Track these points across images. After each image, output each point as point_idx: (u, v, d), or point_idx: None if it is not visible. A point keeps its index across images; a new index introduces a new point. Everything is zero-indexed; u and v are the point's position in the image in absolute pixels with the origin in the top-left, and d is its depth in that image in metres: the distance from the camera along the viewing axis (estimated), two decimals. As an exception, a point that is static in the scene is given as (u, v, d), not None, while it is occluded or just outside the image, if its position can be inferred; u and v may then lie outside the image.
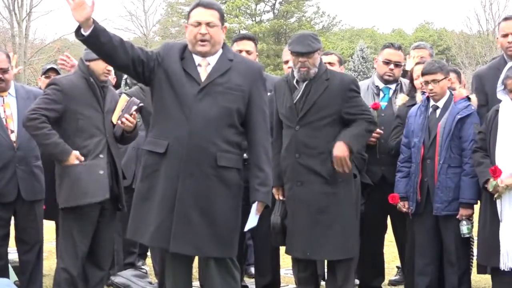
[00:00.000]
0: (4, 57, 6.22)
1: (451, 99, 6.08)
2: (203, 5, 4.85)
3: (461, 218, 5.90)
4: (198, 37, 4.81)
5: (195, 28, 4.82)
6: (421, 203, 6.05)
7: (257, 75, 4.97)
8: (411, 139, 6.16)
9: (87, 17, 4.53)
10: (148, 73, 4.84)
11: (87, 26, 4.55)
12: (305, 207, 5.72)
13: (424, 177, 6.04)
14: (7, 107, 6.22)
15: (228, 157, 4.80)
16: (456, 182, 5.91)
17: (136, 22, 48.37)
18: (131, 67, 4.79)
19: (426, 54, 7.17)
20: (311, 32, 5.90)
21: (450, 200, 5.92)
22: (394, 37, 57.45)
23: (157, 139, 4.84)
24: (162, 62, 4.85)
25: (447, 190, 5.92)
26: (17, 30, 38.51)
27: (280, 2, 57.22)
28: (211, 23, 4.82)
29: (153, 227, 4.77)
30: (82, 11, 4.52)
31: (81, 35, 4.58)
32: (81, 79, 5.79)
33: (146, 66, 4.82)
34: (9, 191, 6.09)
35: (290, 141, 5.78)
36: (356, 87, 5.83)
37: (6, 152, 6.08)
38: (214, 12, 4.86)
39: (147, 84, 4.98)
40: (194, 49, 4.87)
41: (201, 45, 4.83)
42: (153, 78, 4.86)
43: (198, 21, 4.82)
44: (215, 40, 4.85)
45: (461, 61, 42.74)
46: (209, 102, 4.78)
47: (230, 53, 5.01)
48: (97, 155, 5.70)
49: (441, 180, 5.94)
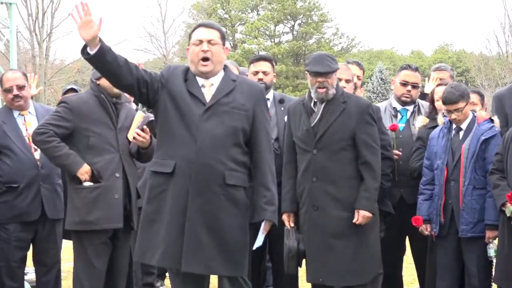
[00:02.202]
0: (20, 75, 6.36)
1: (474, 120, 6.05)
2: (203, 25, 4.99)
3: (489, 241, 5.86)
4: (200, 55, 4.86)
5: (196, 46, 4.88)
6: (444, 225, 6.02)
7: (259, 95, 5.03)
8: (433, 161, 6.12)
9: (94, 35, 4.55)
10: (152, 94, 4.86)
11: (94, 45, 4.57)
12: (320, 232, 5.67)
13: (448, 199, 5.99)
14: (29, 126, 6.29)
15: (236, 176, 4.83)
16: (481, 203, 5.88)
17: (156, 43, 48.93)
18: (135, 87, 4.81)
19: (446, 76, 7.13)
20: (328, 53, 5.89)
21: (475, 222, 5.88)
22: (413, 59, 57.22)
23: (163, 160, 4.84)
24: (166, 83, 4.88)
25: (473, 211, 5.88)
26: (38, 50, 38.76)
27: (299, 23, 57.38)
28: (212, 40, 4.88)
29: (163, 248, 4.76)
30: (89, 30, 4.54)
31: (87, 54, 4.60)
32: (92, 97, 5.81)
33: (150, 87, 4.84)
34: (34, 210, 6.12)
35: (307, 165, 5.71)
36: (372, 112, 5.77)
37: (30, 171, 6.12)
38: (214, 31, 4.93)
39: (151, 106, 5.00)
40: (197, 70, 4.90)
41: (203, 64, 4.88)
42: (157, 100, 4.88)
43: (200, 39, 4.88)
44: (216, 58, 4.90)
45: (481, 83, 42.44)
46: (215, 122, 4.81)
47: (232, 74, 5.06)
48: (112, 174, 5.69)
49: (466, 202, 5.90)
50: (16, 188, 6.12)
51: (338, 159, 5.65)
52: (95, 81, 5.82)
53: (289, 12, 55.85)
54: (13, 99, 6.29)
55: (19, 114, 6.36)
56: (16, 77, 6.32)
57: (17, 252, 6.16)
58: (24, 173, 6.11)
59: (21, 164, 6.14)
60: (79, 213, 5.62)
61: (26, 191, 6.11)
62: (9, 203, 6.11)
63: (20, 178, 6.12)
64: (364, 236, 5.69)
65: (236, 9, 57.33)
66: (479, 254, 5.90)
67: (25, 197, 6.11)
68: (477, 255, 5.91)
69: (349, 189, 5.65)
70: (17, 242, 6.15)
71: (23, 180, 6.12)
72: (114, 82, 4.94)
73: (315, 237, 5.68)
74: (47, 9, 38.72)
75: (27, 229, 6.17)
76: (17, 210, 6.11)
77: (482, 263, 5.92)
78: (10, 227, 6.12)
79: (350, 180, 5.66)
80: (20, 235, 6.15)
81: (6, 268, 6.14)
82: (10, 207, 6.11)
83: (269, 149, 5.00)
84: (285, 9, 55.55)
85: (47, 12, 38.78)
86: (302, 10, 56.39)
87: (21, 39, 38.80)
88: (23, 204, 6.11)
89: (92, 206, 5.60)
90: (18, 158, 6.16)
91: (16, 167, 6.14)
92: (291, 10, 55.66)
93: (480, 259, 5.90)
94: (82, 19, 4.55)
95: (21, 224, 6.13)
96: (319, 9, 57.11)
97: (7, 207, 6.11)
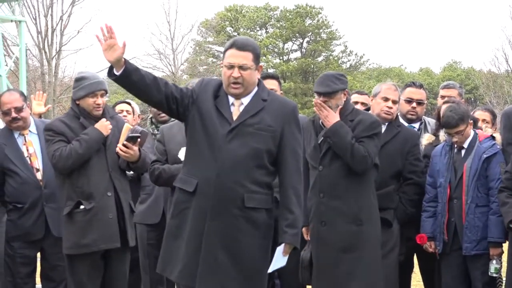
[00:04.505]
0: (17, 96, 6.28)
1: (475, 138, 6.06)
2: (237, 46, 4.81)
3: (492, 258, 5.86)
4: (231, 80, 4.80)
5: (228, 70, 4.80)
6: (448, 243, 6.03)
7: (290, 115, 4.92)
8: (436, 178, 6.13)
9: (118, 58, 4.61)
10: (183, 109, 4.85)
11: (119, 66, 4.62)
12: (328, 247, 5.68)
13: (451, 217, 6.01)
14: (30, 145, 6.28)
15: (256, 198, 4.78)
16: (484, 221, 5.89)
17: (165, 61, 48.61)
18: (164, 104, 4.81)
19: (455, 93, 7.10)
20: (336, 73, 5.86)
21: (478, 240, 5.89)
22: (422, 76, 57.06)
23: (188, 177, 4.84)
24: (196, 99, 4.86)
25: (476, 229, 5.89)
26: (47, 68, 38.98)
27: (307, 41, 57.57)
28: (244, 66, 4.78)
29: (181, 265, 4.77)
30: (113, 53, 4.61)
31: (113, 75, 4.65)
32: (73, 118, 5.82)
33: (180, 103, 4.83)
34: (38, 230, 6.13)
35: (315, 181, 5.76)
36: (377, 128, 5.75)
37: (33, 192, 6.11)
38: (248, 54, 4.80)
39: (181, 120, 4.97)
40: (227, 91, 4.86)
41: (233, 87, 4.82)
42: (187, 115, 4.87)
43: (231, 64, 4.79)
44: (248, 82, 4.82)
45: (489, 101, 42.44)
46: (239, 143, 4.76)
47: (265, 91, 4.95)
48: (104, 194, 5.70)
49: (469, 220, 5.91)
50: (21, 209, 6.14)
51: (342, 174, 5.66)
52: (75, 102, 5.85)
53: (298, 29, 56.12)
54: (11, 122, 6.26)
55: (19, 135, 6.32)
56: (13, 100, 6.26)
57: (22, 268, 6.18)
58: (28, 194, 6.12)
59: (24, 185, 6.15)
60: (75, 237, 5.65)
61: (30, 212, 6.12)
62: (14, 222, 6.15)
63: (24, 199, 6.13)
64: (373, 251, 5.70)
65: (244, 26, 57.57)
66: (484, 270, 5.91)
67: (29, 217, 6.12)
68: (482, 271, 5.93)
69: (355, 203, 5.65)
70: (22, 258, 6.17)
71: (27, 201, 6.12)
72: (142, 99, 4.96)
73: (323, 252, 5.70)
74: (56, 26, 39.11)
75: (31, 247, 6.20)
76: (22, 230, 6.14)
77: (487, 279, 5.93)
78: (15, 244, 6.16)
79: (356, 194, 5.67)
80: (24, 252, 6.17)
81: (13, 283, 6.17)
82: (15, 226, 6.14)
83: (296, 170, 4.91)
84: (294, 27, 55.84)
85: (56, 30, 39.16)
86: (311, 28, 56.65)
87: (31, 57, 39.14)
88: (27, 224, 6.13)
89: (88, 229, 5.63)
90: (21, 179, 6.15)
91: (19, 188, 6.15)
92: (300, 27, 55.94)
93: (485, 275, 5.91)
94: (106, 41, 4.62)
95: (26, 242, 6.16)
96: (327, 27, 57.32)
97: (12, 226, 6.14)
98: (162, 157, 6.02)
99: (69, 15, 39.51)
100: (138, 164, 5.85)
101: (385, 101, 6.20)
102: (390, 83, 6.48)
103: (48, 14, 39.08)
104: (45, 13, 39.05)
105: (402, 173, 6.14)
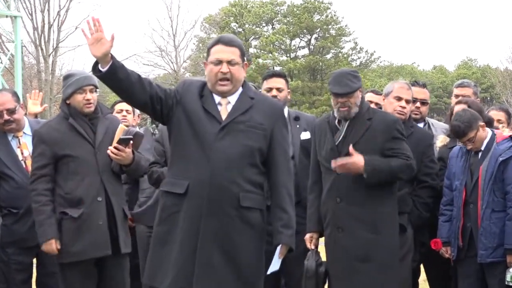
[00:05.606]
0: (9, 97, 6.23)
1: (493, 139, 5.95)
2: (223, 42, 4.85)
3: (509, 266, 5.75)
4: (219, 75, 4.79)
5: (215, 66, 4.80)
6: (463, 249, 5.97)
7: (278, 113, 4.96)
8: (452, 181, 6.08)
9: (105, 52, 4.50)
10: (167, 111, 4.80)
11: (105, 62, 4.52)
12: (345, 254, 5.62)
13: (467, 222, 5.95)
14: (24, 148, 6.26)
15: (251, 198, 4.76)
16: (501, 227, 5.79)
17: (166, 58, 49.20)
18: (149, 105, 4.74)
19: (470, 92, 7.07)
20: (350, 70, 5.80)
21: (495, 247, 5.80)
22: (435, 74, 57.42)
23: (176, 179, 4.78)
24: (180, 99, 4.82)
25: (492, 236, 5.80)
26: (43, 65, 39.41)
27: (316, 37, 57.73)
28: (232, 61, 4.80)
29: (175, 269, 4.70)
30: (100, 47, 4.50)
31: (98, 71, 4.56)
32: (62, 120, 5.80)
33: (164, 104, 4.77)
34: (33, 236, 5.96)
35: (331, 186, 5.67)
36: (400, 127, 5.69)
37: (28, 196, 5.94)
38: (235, 49, 4.84)
39: (165, 123, 4.92)
40: (214, 89, 4.83)
41: (221, 84, 4.80)
42: (171, 117, 4.83)
43: (219, 59, 4.80)
44: (236, 78, 4.82)
45: (506, 100, 42.89)
46: (230, 141, 4.75)
47: (251, 91, 4.99)
48: (94, 200, 5.65)
49: (485, 226, 5.83)
50: (16, 214, 6.12)
51: (362, 179, 5.54)
52: (65, 101, 5.81)
53: (306, 25, 56.29)
54: (3, 124, 6.20)
55: (13, 137, 6.27)
56: (4, 101, 6.20)
57: (17, 275, 6.18)
58: (23, 199, 6.04)
59: (19, 190, 6.09)
60: (65, 245, 5.63)
61: (26, 217, 6.07)
62: (8, 227, 6.14)
63: (19, 203, 6.09)
64: (391, 259, 5.63)
65: (250, 22, 57.80)
66: (501, 278, 5.83)
67: (24, 223, 6.09)
68: (499, 279, 5.84)
69: (374, 210, 5.57)
70: (16, 265, 6.17)
71: (22, 206, 6.08)
72: (126, 100, 4.95)
73: (340, 259, 5.66)
74: (53, 22, 39.46)
75: (26, 253, 6.19)
76: (16, 236, 6.11)
77: (505, 287, 5.82)
78: (10, 250, 6.16)
79: (375, 200, 5.57)
80: (19, 258, 6.17)
81: (7, 291, 6.19)
82: (9, 232, 6.13)
83: (287, 169, 4.92)
84: (301, 23, 56.04)
85: (53, 26, 39.50)
86: (319, 24, 56.81)
87: (26, 54, 39.85)
88: (22, 230, 6.10)
89: (77, 236, 5.62)
90: (16, 184, 6.13)
91: (14, 193, 6.12)
92: (308, 23, 56.09)
93: (502, 283, 5.82)
94: (93, 35, 4.52)
95: (21, 248, 6.15)
96: (336, 23, 57.53)
97: (7, 231, 6.13)
98: (161, 159, 6.04)
99: (67, 10, 39.94)
100: (131, 168, 5.82)
101: (398, 101, 6.22)
102: (403, 81, 6.51)
103: (44, 9, 39.49)
104: (41, 8, 39.50)
105: (416, 176, 6.01)
